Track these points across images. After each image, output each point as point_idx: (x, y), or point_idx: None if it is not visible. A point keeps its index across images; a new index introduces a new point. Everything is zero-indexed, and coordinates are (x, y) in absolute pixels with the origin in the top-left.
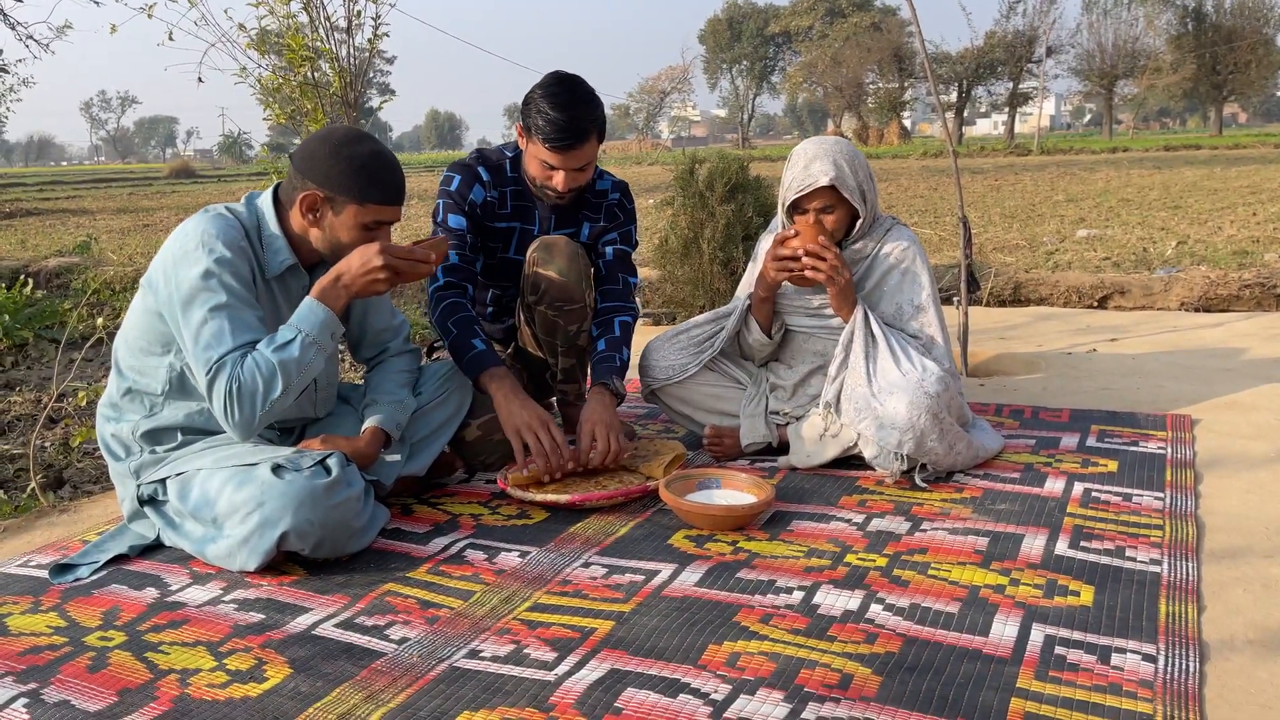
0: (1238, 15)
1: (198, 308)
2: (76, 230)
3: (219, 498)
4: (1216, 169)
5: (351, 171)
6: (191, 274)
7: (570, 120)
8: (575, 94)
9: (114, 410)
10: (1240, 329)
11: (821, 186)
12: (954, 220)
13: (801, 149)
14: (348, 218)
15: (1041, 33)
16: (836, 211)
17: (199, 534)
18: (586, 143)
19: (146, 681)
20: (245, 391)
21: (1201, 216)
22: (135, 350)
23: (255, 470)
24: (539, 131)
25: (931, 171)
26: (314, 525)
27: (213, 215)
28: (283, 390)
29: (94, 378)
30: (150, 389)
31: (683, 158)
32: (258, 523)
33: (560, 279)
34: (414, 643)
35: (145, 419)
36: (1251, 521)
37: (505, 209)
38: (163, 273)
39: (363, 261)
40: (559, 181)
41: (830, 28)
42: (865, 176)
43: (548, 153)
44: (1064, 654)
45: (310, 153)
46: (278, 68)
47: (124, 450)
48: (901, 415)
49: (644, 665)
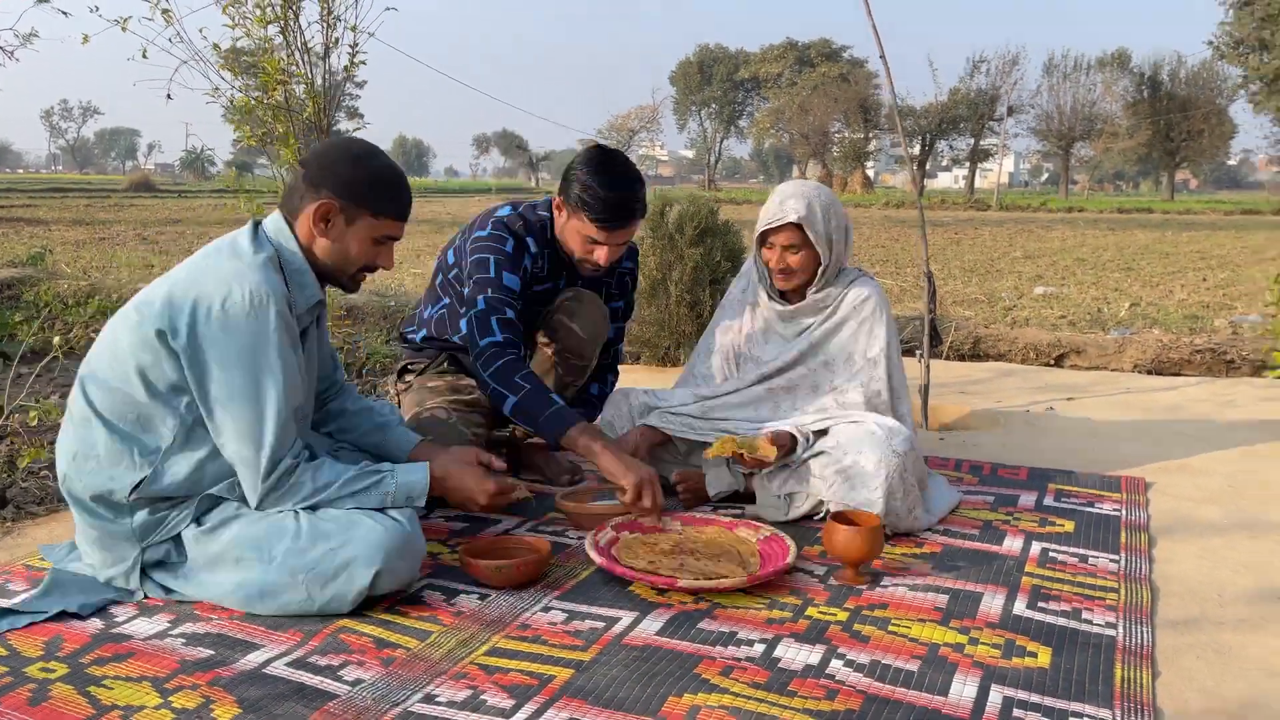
0: (1192, 85)
1: (250, 380)
2: (31, 240)
3: (286, 533)
4: (1168, 233)
5: (370, 183)
6: (242, 341)
7: (623, 201)
8: (627, 174)
9: (96, 465)
10: (1192, 394)
11: (789, 223)
12: (915, 272)
13: (784, 185)
14: (361, 229)
15: (1003, 92)
16: (801, 253)
17: (233, 580)
18: (634, 222)
19: (88, 717)
20: (298, 496)
21: (1154, 279)
22: (127, 395)
23: (330, 509)
24: (588, 209)
25: (893, 222)
26: (404, 565)
27: (256, 265)
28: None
29: (42, 394)
30: (150, 443)
31: (653, 198)
32: (345, 560)
33: (580, 336)
34: (368, 685)
35: (148, 482)
36: (1205, 587)
37: (542, 271)
38: (193, 319)
39: (471, 494)
40: (601, 257)
41: (799, 76)
42: (837, 226)
43: (595, 230)
44: (1021, 716)
45: (329, 162)
46: (250, 89)
47: (113, 512)
48: (870, 471)
49: (603, 716)
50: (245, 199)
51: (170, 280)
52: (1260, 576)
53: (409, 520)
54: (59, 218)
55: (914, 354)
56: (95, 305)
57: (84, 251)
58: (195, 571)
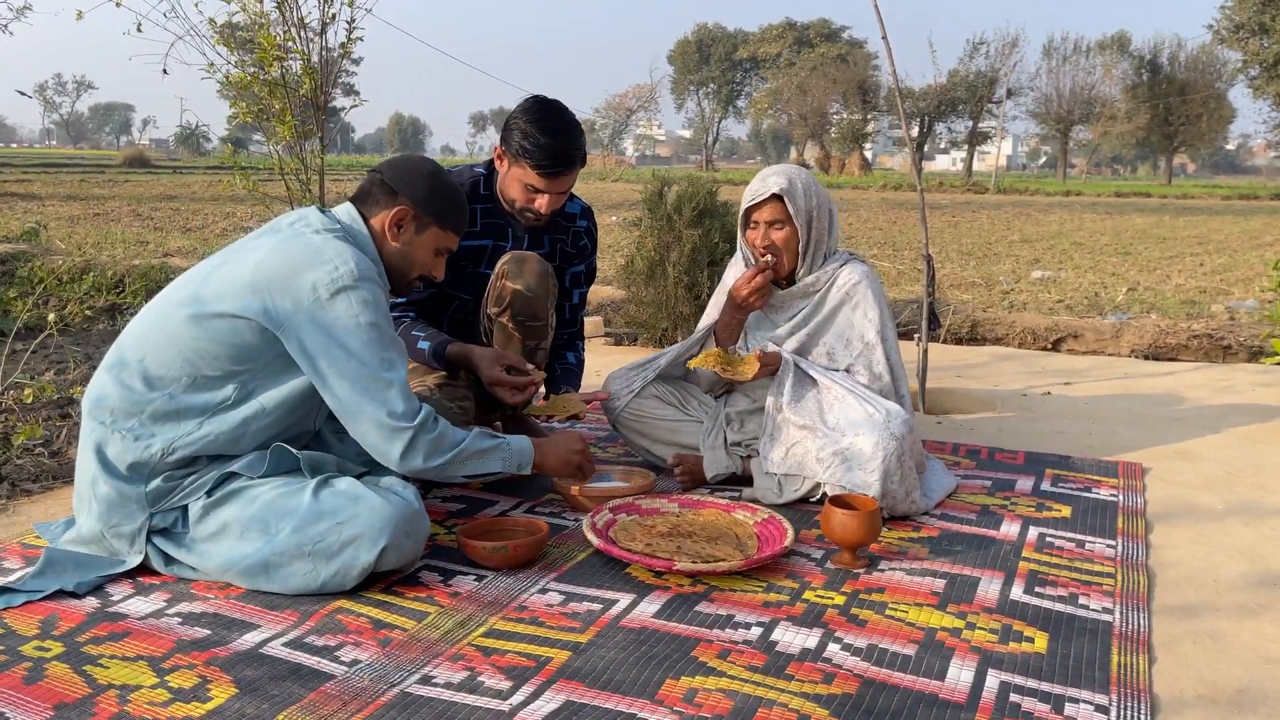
0: (1192, 69)
1: (369, 351)
2: (25, 215)
3: (291, 509)
4: (1165, 218)
5: (442, 198)
6: (356, 309)
7: (561, 147)
8: (564, 121)
9: (142, 429)
10: (1190, 379)
11: (771, 195)
12: (914, 255)
13: (766, 169)
14: (429, 238)
15: (1002, 75)
16: (785, 230)
17: (236, 552)
18: (574, 169)
19: (84, 696)
20: (442, 448)
21: (1151, 264)
22: (192, 366)
23: (338, 484)
24: (527, 156)
25: (891, 204)
26: (409, 542)
27: (347, 243)
28: (454, 463)
29: (37, 370)
30: (200, 404)
31: (651, 178)
32: (350, 536)
33: (528, 294)
34: (365, 666)
35: (188, 437)
36: (1201, 574)
37: (476, 226)
38: (297, 298)
39: (567, 456)
40: (542, 205)
41: (798, 56)
42: (819, 206)
43: (536, 177)
44: (1019, 701)
45: (410, 174)
46: (246, 65)
47: (136, 475)
48: (868, 454)
49: (600, 698)
50: (241, 175)
51: (244, 264)
52: (1256, 562)
53: (415, 496)
54: (53, 193)
55: (912, 338)
56: (90, 281)
57: (78, 227)
58: (198, 542)
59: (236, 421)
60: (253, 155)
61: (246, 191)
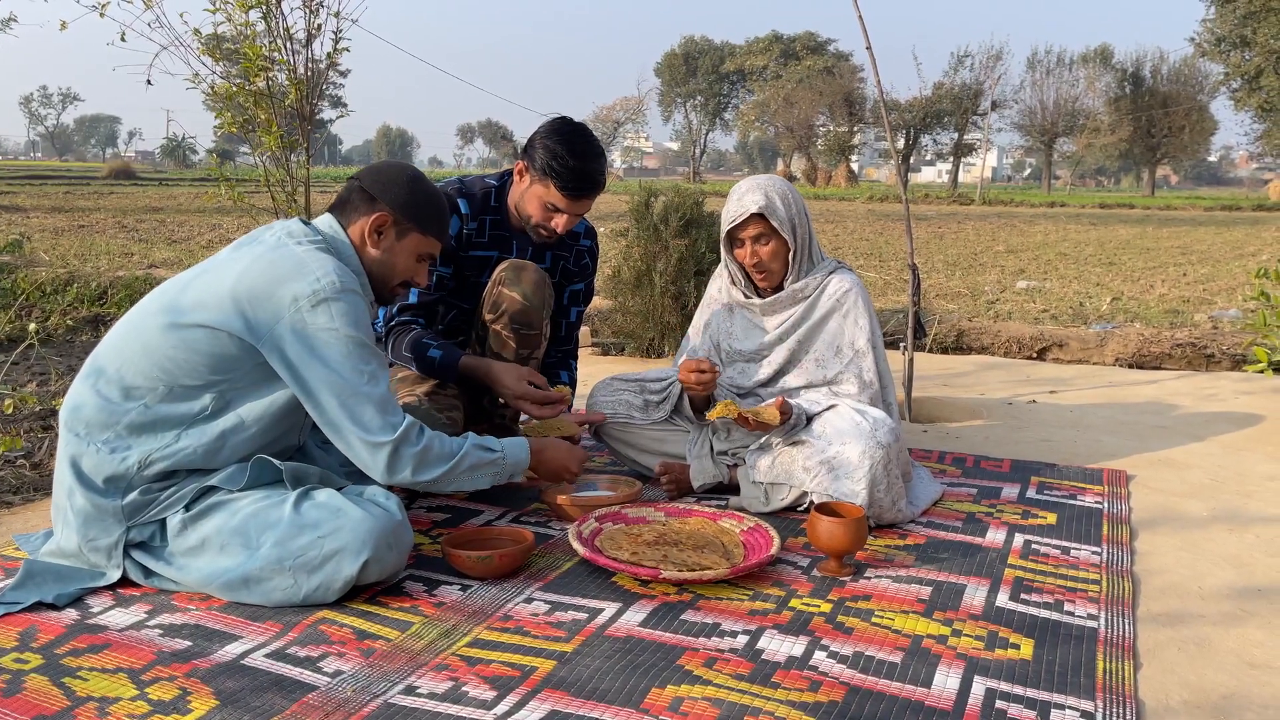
0: (1174, 81)
1: (349, 365)
2: (8, 227)
3: (272, 522)
4: (1149, 228)
5: (423, 204)
6: (337, 321)
7: (588, 171)
8: (591, 146)
9: (119, 440)
10: (1174, 387)
11: (752, 214)
12: (899, 265)
13: (738, 185)
14: (410, 244)
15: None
16: (771, 242)
17: (217, 566)
18: (596, 193)
19: (63, 709)
20: (434, 458)
21: (1135, 274)
22: (168, 375)
23: (318, 496)
24: (554, 175)
25: (877, 215)
26: (392, 555)
27: (328, 255)
28: (447, 476)
29: (18, 382)
30: (177, 415)
31: (639, 189)
32: (333, 550)
33: (524, 302)
34: (348, 676)
35: (165, 450)
36: (1186, 580)
37: (483, 238)
38: (277, 310)
39: (564, 464)
40: (559, 224)
41: (784, 69)
42: (798, 212)
43: (559, 197)
44: (1004, 708)
45: (389, 179)
46: (232, 75)
47: (112, 488)
48: (854, 462)
49: (586, 707)
50: (227, 187)
51: (224, 275)
52: (1241, 569)
53: (399, 507)
54: (37, 205)
55: (898, 347)
56: (73, 293)
57: (63, 239)
58: (177, 556)
59: (214, 434)
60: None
61: (232, 203)
